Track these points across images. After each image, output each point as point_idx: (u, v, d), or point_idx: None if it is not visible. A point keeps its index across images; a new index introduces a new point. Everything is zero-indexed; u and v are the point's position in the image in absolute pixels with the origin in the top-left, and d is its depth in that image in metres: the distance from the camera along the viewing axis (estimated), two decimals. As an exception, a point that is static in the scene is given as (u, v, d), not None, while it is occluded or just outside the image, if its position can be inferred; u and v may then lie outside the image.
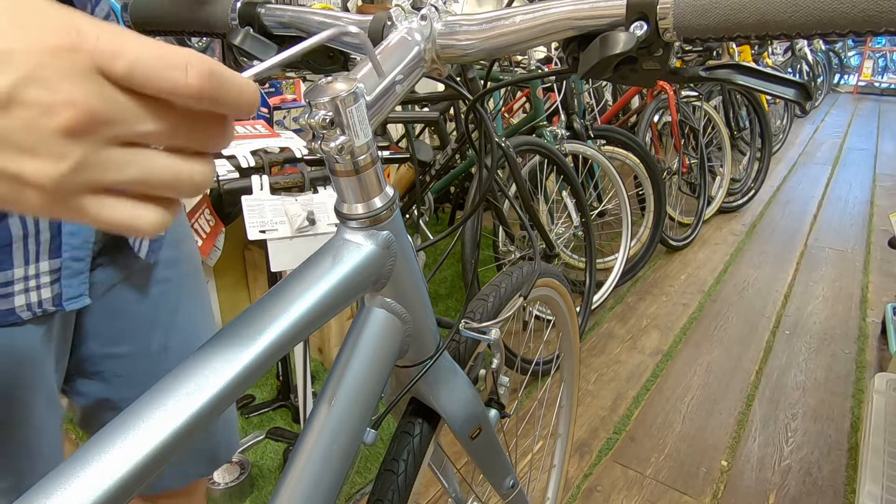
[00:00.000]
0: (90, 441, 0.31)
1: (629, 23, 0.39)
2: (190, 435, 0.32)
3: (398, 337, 0.51)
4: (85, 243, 0.54)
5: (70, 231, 0.52)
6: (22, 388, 0.52)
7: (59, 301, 0.53)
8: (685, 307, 2.40)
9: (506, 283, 0.84)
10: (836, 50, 7.50)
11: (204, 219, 1.58)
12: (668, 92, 2.64)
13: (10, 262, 0.48)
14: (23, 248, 0.49)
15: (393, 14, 0.47)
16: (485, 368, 0.73)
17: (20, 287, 0.49)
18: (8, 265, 0.48)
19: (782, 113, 4.77)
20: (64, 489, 0.28)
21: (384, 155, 1.82)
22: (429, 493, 1.46)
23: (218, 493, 1.41)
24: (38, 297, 0.51)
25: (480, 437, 0.67)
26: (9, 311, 0.49)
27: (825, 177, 4.17)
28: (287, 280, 0.41)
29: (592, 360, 2.05)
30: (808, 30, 0.34)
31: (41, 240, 0.50)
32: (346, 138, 0.38)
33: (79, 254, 0.53)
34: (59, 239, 0.51)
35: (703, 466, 1.57)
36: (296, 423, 1.69)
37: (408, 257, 0.48)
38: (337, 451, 0.46)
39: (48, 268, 0.51)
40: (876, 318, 2.29)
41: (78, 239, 0.53)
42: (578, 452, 1.62)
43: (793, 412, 1.78)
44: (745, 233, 3.17)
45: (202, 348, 0.35)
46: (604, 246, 2.64)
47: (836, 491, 1.49)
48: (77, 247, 0.53)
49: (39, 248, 0.50)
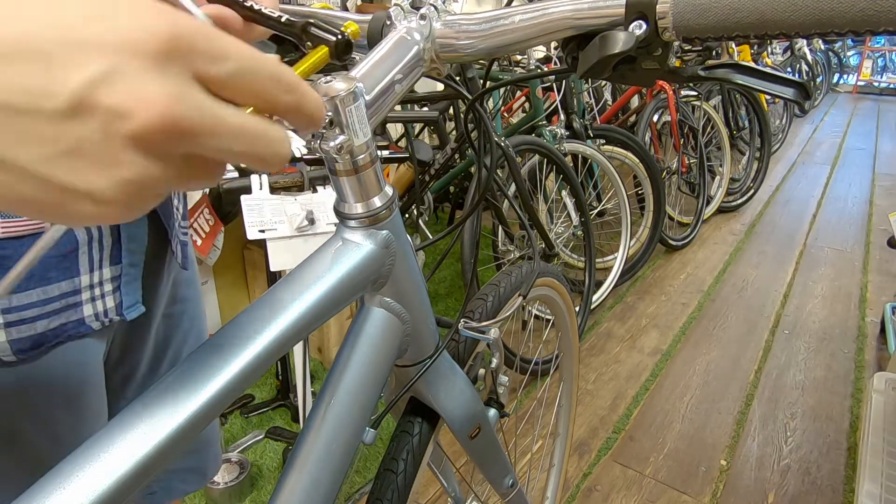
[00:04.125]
0: (91, 440, 0.31)
1: (628, 22, 0.39)
2: (190, 434, 0.32)
3: (397, 336, 0.51)
4: (140, 248, 0.51)
5: (129, 236, 0.50)
6: (90, 406, 0.51)
7: (121, 310, 0.51)
8: (684, 307, 2.40)
9: (505, 282, 0.84)
10: (835, 49, 7.50)
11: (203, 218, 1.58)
12: (667, 91, 2.64)
13: (76, 269, 0.46)
14: (88, 254, 0.46)
15: (392, 13, 0.47)
16: (484, 368, 0.73)
17: (87, 296, 0.47)
18: (75, 272, 0.46)
19: (781, 112, 4.78)
20: (63, 489, 0.28)
21: (383, 154, 1.81)
22: (428, 492, 1.46)
23: (217, 493, 1.41)
24: (103, 305, 0.49)
25: (480, 437, 0.67)
26: (79, 322, 0.47)
27: (824, 176, 4.18)
28: (286, 279, 0.41)
29: (592, 360, 2.05)
30: (806, 29, 0.34)
31: (104, 245, 0.48)
32: (345, 138, 0.38)
33: (135, 259, 0.51)
34: (120, 244, 0.49)
35: (702, 466, 1.57)
36: (295, 423, 1.69)
37: (407, 257, 0.48)
38: (336, 451, 0.46)
39: (110, 275, 0.49)
40: (875, 317, 2.29)
41: (135, 244, 0.51)
42: (578, 452, 1.62)
43: (792, 412, 1.78)
44: (745, 232, 3.17)
45: (202, 347, 0.35)
46: (603, 245, 2.64)
47: (835, 490, 1.49)
48: (134, 251, 0.51)
49: (103, 254, 0.48)
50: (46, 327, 0.45)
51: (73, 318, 0.47)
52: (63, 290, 0.45)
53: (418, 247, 0.55)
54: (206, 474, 0.71)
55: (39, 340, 0.45)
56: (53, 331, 0.46)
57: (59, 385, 0.48)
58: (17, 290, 0.43)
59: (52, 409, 0.48)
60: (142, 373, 0.60)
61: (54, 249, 0.44)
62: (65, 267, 0.45)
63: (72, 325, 0.47)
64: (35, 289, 0.44)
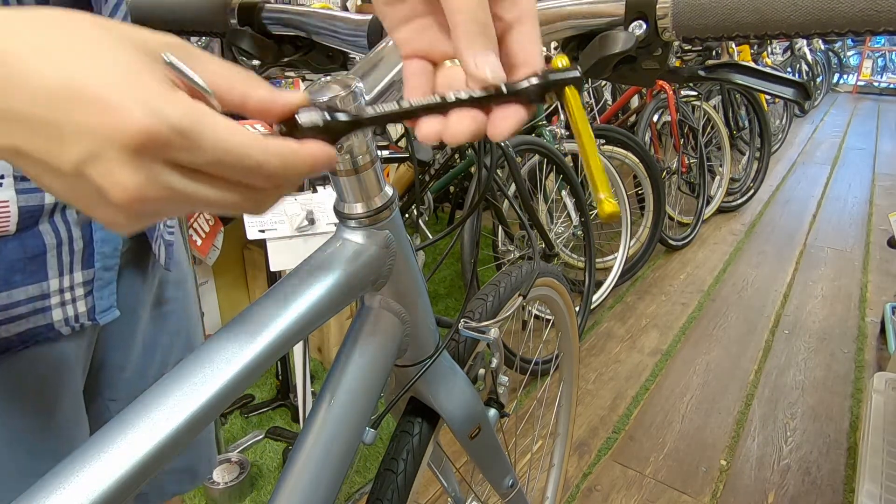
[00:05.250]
0: (90, 441, 0.31)
1: (628, 22, 0.39)
2: (190, 434, 0.32)
3: (397, 336, 0.51)
4: (115, 251, 0.51)
5: (102, 238, 0.49)
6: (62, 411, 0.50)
7: (93, 314, 0.50)
8: (684, 307, 2.40)
9: (505, 282, 0.84)
10: (835, 49, 7.50)
11: (203, 218, 1.58)
12: (667, 91, 2.64)
13: (44, 273, 0.45)
14: (57, 258, 0.46)
15: (392, 13, 0.47)
16: (484, 368, 0.73)
17: (56, 300, 0.46)
18: (42, 276, 0.45)
19: (781, 112, 4.77)
20: (63, 489, 0.28)
21: (383, 154, 1.82)
22: (428, 492, 1.46)
23: (217, 493, 1.41)
24: (74, 310, 0.48)
25: (480, 437, 0.67)
26: (48, 327, 0.46)
27: (824, 176, 4.18)
28: (286, 279, 0.41)
29: (592, 360, 2.05)
30: (806, 29, 0.34)
31: (75, 248, 0.47)
32: (345, 137, 0.38)
33: (109, 263, 0.50)
34: (92, 247, 0.48)
35: (702, 466, 1.57)
36: (295, 423, 1.69)
37: (407, 257, 0.48)
38: (336, 451, 0.46)
39: (81, 279, 0.48)
40: (875, 317, 2.29)
41: (109, 247, 0.50)
42: (578, 452, 1.62)
43: (792, 412, 1.78)
44: (745, 232, 3.17)
45: (202, 347, 0.35)
46: (603, 245, 2.64)
47: (834, 490, 1.49)
48: (108, 255, 0.50)
49: (73, 258, 0.47)
50: (12, 332, 0.44)
51: (41, 322, 0.46)
52: (30, 294, 0.44)
53: (418, 247, 0.55)
54: (199, 475, 0.70)
55: (5, 345, 0.44)
56: (20, 335, 0.45)
57: (27, 392, 0.47)
58: None
59: (18, 417, 0.47)
60: (129, 375, 0.59)
61: (20, 252, 0.43)
62: (32, 270, 0.44)
63: (40, 329, 0.46)
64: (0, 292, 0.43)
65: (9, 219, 0.42)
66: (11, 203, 0.41)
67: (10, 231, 0.42)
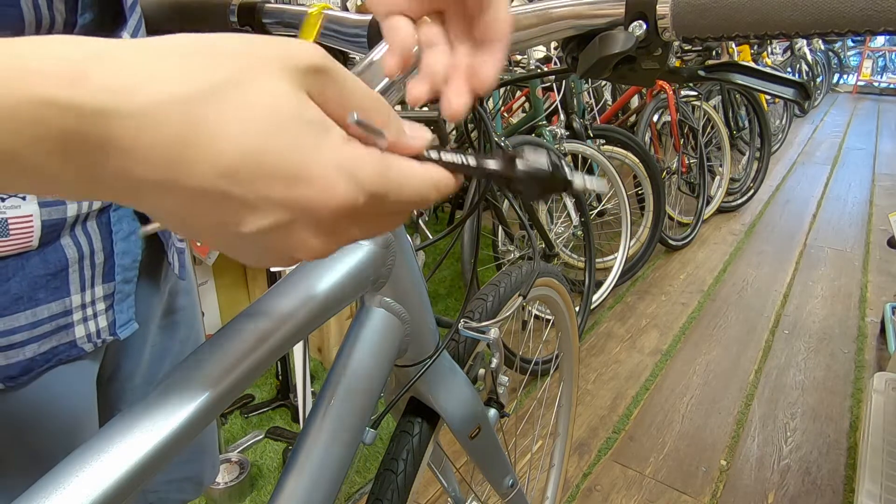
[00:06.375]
0: (90, 441, 0.31)
1: (628, 22, 0.39)
2: (190, 434, 0.32)
3: (397, 336, 0.51)
4: (134, 263, 0.49)
5: (122, 251, 0.47)
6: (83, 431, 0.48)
7: (114, 329, 0.48)
8: (684, 307, 2.40)
9: (505, 282, 0.84)
10: (835, 49, 7.50)
11: (203, 218, 1.57)
12: (667, 91, 2.64)
13: (66, 289, 0.43)
14: (79, 272, 0.44)
15: (392, 13, 0.47)
16: (484, 368, 0.73)
17: (79, 316, 0.45)
18: (65, 291, 0.43)
19: (781, 112, 4.78)
20: (63, 489, 0.28)
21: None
22: (428, 492, 1.46)
23: (217, 493, 1.41)
24: (96, 326, 0.46)
25: (479, 437, 0.67)
26: (71, 344, 0.45)
27: (824, 176, 4.18)
28: (286, 279, 0.41)
29: (592, 360, 2.05)
30: (806, 29, 0.34)
31: (96, 262, 0.45)
32: None
33: (129, 275, 0.49)
34: (112, 260, 0.47)
35: (702, 466, 1.57)
36: (295, 423, 1.69)
37: (407, 257, 0.48)
38: (336, 451, 0.46)
39: (102, 293, 0.46)
40: (875, 317, 2.29)
41: (129, 259, 0.48)
42: (578, 452, 1.62)
43: (792, 412, 1.78)
44: (745, 232, 3.17)
45: (202, 347, 0.35)
46: (603, 245, 2.64)
47: (834, 490, 1.49)
48: (128, 268, 0.49)
49: (94, 272, 0.45)
50: (36, 351, 0.43)
51: (64, 340, 0.44)
52: (53, 311, 0.43)
53: (418, 247, 0.55)
54: (203, 483, 0.70)
55: (29, 366, 0.42)
56: (44, 355, 0.43)
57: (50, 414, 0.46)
58: (5, 314, 0.40)
59: (42, 439, 0.46)
60: (139, 382, 0.58)
61: (43, 268, 0.42)
62: (54, 287, 0.43)
63: (63, 347, 0.44)
64: (24, 311, 0.41)
65: (32, 233, 0.40)
66: (35, 217, 0.40)
67: (33, 246, 0.41)
